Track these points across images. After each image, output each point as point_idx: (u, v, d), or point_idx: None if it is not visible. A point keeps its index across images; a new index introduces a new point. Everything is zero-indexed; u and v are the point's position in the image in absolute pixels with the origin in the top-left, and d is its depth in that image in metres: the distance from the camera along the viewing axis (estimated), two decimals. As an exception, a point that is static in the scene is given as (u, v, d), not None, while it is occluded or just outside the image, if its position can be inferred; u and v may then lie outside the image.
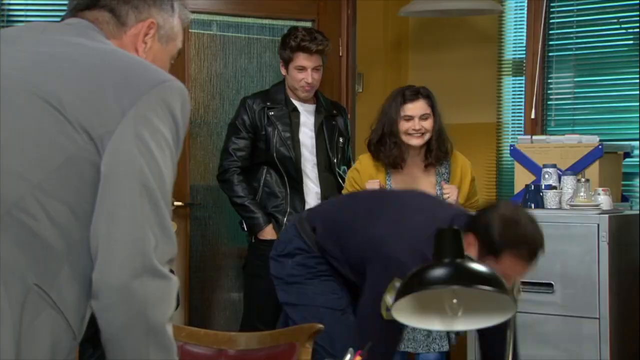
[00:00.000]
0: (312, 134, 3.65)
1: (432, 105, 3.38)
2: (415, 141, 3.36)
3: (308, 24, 4.09)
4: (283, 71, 3.65)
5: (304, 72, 3.59)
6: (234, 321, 3.99)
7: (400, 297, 1.71)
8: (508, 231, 2.32)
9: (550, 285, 3.24)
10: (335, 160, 3.66)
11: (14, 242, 1.29)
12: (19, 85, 1.36)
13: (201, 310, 4.08)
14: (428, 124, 3.37)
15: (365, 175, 3.37)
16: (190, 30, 3.97)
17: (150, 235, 1.32)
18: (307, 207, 3.52)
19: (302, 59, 3.59)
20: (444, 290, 1.70)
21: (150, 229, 1.32)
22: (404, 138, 3.34)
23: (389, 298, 1.80)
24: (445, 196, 3.29)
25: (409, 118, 3.34)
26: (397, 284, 1.75)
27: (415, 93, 3.38)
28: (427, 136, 3.37)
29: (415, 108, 3.35)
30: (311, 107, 3.70)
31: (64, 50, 1.42)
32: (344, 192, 3.41)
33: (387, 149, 3.34)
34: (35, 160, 1.32)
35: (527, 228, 2.35)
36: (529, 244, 2.34)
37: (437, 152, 3.37)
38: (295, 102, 3.65)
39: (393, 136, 3.33)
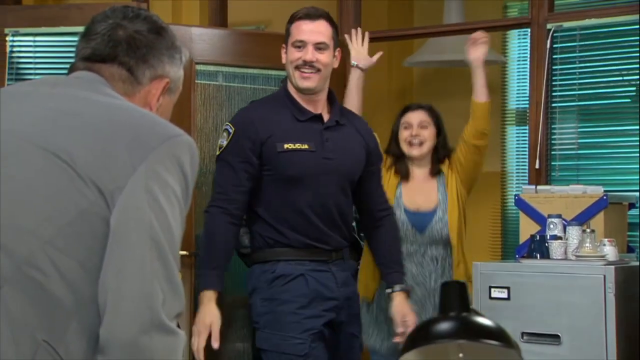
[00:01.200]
0: None
1: (434, 118, 3.51)
2: (415, 152, 3.46)
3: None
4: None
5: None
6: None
7: (407, 351, 1.70)
8: None
9: (557, 336, 3.22)
10: None
11: (24, 297, 1.30)
12: (30, 140, 1.38)
13: (205, 360, 4.04)
14: (427, 132, 3.47)
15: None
16: (196, 81, 4.01)
17: (159, 290, 1.33)
18: None
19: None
20: (450, 344, 1.70)
21: (158, 284, 1.33)
22: (405, 148, 3.47)
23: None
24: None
25: (408, 126, 3.47)
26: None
27: (418, 105, 3.57)
28: (425, 147, 3.47)
29: (414, 116, 3.50)
30: None
31: (75, 105, 1.44)
32: None
33: (395, 162, 3.49)
34: (46, 215, 1.33)
35: None
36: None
37: (442, 156, 3.51)
38: None
39: (397, 148, 3.49)
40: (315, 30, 2.92)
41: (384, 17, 5.39)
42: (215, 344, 2.82)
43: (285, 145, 2.89)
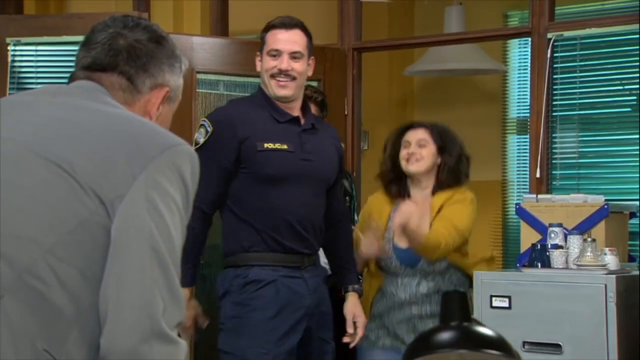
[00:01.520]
0: None
1: (436, 136, 3.32)
2: (411, 167, 3.31)
3: (314, 84, 4.14)
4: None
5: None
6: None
7: (408, 361, 1.70)
8: None
9: (558, 346, 3.22)
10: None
11: (25, 307, 1.30)
12: (31, 149, 1.38)
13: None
14: (425, 151, 3.30)
15: (373, 209, 3.37)
16: (197, 90, 4.02)
17: (159, 299, 1.32)
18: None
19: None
20: (452, 354, 1.70)
21: (159, 293, 1.33)
22: (403, 165, 3.32)
23: None
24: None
25: (407, 144, 3.34)
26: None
27: (419, 124, 3.41)
28: (423, 164, 3.29)
29: (414, 134, 3.34)
30: None
31: (76, 115, 1.44)
32: (355, 234, 3.37)
33: (393, 179, 3.35)
34: (47, 224, 1.33)
35: None
36: None
37: (445, 180, 3.29)
38: None
39: (395, 166, 3.34)
40: (290, 40, 2.96)
41: (384, 27, 5.41)
42: (204, 323, 2.96)
43: (265, 145, 2.89)
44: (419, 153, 3.30)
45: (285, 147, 2.93)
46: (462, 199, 3.29)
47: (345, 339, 3.10)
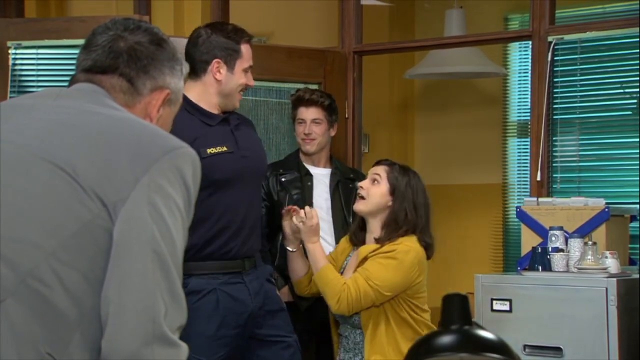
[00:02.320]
0: (328, 196, 3.65)
1: (391, 177, 2.99)
2: (357, 206, 2.98)
3: (315, 87, 4.14)
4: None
5: (303, 124, 3.61)
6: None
7: (409, 364, 1.70)
8: None
9: (559, 349, 3.22)
10: (350, 220, 3.65)
11: (28, 311, 1.30)
12: (33, 153, 1.38)
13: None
14: (375, 189, 2.99)
15: (339, 247, 3.15)
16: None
17: (161, 302, 1.32)
18: None
19: (301, 112, 3.63)
20: (452, 357, 1.70)
21: (160, 296, 1.33)
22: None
23: None
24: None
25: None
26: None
27: (384, 162, 3.07)
28: (365, 203, 2.98)
29: (372, 170, 3.06)
30: (326, 171, 3.69)
31: (78, 117, 1.44)
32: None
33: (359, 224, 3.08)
34: (50, 228, 1.33)
35: None
36: None
37: (385, 234, 2.96)
38: (309, 167, 3.65)
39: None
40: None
41: (385, 30, 5.41)
42: None
43: (209, 150, 2.86)
44: (367, 190, 2.99)
45: (224, 149, 2.89)
46: (389, 252, 2.89)
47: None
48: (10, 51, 3.93)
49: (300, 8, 5.19)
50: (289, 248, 3.10)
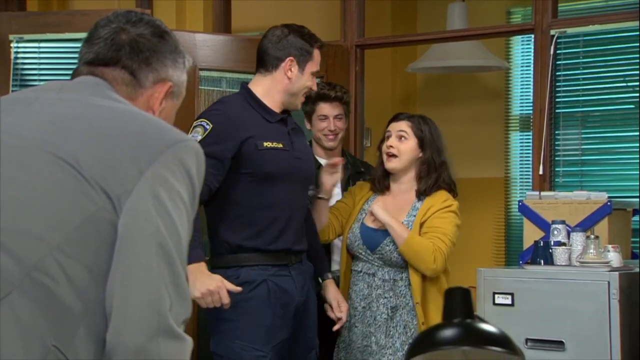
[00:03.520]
0: (339, 190, 3.66)
1: (417, 130, 3.19)
2: (388, 164, 3.20)
3: (317, 80, 4.13)
4: (308, 125, 3.68)
5: (327, 120, 3.63)
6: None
7: (411, 357, 1.70)
8: None
9: (561, 343, 3.22)
10: None
11: (33, 304, 1.29)
12: (37, 146, 1.38)
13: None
14: (404, 145, 3.19)
15: (352, 193, 3.34)
16: (199, 87, 4.01)
17: (166, 296, 1.32)
18: (332, 260, 3.51)
19: (323, 108, 3.64)
20: (454, 350, 1.70)
21: (165, 289, 1.33)
22: (384, 158, 3.24)
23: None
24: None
25: (388, 136, 3.25)
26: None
27: (404, 116, 3.28)
28: (398, 161, 3.19)
29: (394, 127, 3.23)
30: None
31: (81, 110, 1.44)
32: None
33: (381, 174, 3.26)
34: (54, 220, 1.33)
35: None
36: None
37: (423, 184, 3.18)
38: (320, 159, 3.66)
39: (381, 156, 3.27)
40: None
41: (387, 23, 5.40)
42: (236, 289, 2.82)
43: (265, 144, 2.94)
44: (397, 147, 3.19)
45: (281, 145, 2.98)
46: (447, 207, 3.16)
47: (337, 327, 3.11)
48: (12, 45, 3.93)
49: (303, 2, 5.19)
50: (323, 196, 3.22)
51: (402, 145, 3.20)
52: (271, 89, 3.03)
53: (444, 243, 3.10)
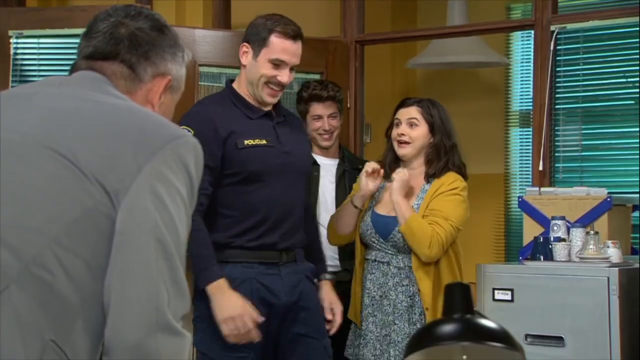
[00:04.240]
0: (333, 186, 3.65)
1: (427, 116, 3.16)
2: (400, 151, 3.18)
3: (317, 76, 4.13)
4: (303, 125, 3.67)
5: (321, 120, 3.61)
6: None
7: (411, 353, 1.70)
8: None
9: (560, 338, 3.22)
10: None
11: (32, 298, 1.30)
12: (36, 141, 1.38)
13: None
14: (415, 132, 3.15)
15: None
16: (199, 83, 4.01)
17: (164, 291, 1.33)
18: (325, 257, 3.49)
19: (316, 108, 3.62)
20: (454, 346, 1.70)
21: (164, 285, 1.33)
22: (395, 145, 3.20)
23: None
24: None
25: (398, 123, 3.20)
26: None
27: (412, 101, 3.24)
28: (410, 147, 3.16)
29: (403, 113, 3.19)
30: (333, 162, 3.69)
31: (80, 106, 1.44)
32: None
33: (392, 160, 3.23)
34: (52, 214, 1.33)
35: None
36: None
37: (433, 167, 3.15)
38: (317, 157, 3.64)
39: (390, 142, 3.24)
40: (295, 53, 2.94)
41: (387, 19, 5.40)
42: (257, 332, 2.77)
43: (246, 141, 2.86)
44: (408, 134, 3.15)
45: (264, 142, 2.89)
46: (454, 189, 3.14)
47: (328, 327, 3.04)
48: (11, 40, 3.92)
49: (302, -3, 5.18)
50: (357, 205, 3.18)
51: (413, 132, 3.17)
52: (241, 80, 2.96)
53: (443, 229, 3.06)
